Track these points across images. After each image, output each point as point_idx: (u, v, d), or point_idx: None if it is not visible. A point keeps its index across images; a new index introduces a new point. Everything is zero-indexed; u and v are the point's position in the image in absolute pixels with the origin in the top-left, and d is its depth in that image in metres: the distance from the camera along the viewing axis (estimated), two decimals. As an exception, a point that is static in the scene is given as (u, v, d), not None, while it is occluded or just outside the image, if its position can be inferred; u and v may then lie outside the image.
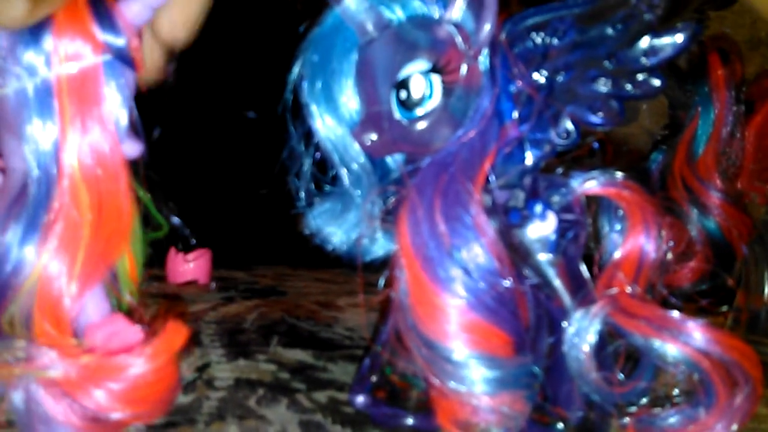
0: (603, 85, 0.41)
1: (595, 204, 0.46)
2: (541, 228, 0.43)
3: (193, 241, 0.53)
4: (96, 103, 0.40)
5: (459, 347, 0.40)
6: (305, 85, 0.45)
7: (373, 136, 0.43)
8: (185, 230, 0.50)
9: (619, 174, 0.44)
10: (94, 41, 0.39)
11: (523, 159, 0.43)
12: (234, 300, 0.82)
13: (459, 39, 0.41)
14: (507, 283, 0.41)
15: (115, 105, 0.41)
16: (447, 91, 0.42)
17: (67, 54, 0.39)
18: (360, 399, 0.48)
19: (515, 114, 0.42)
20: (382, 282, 0.45)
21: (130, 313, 0.46)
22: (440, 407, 0.43)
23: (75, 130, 0.39)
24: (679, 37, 0.39)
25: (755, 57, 1.05)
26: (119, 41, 0.40)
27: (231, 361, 0.58)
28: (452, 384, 0.40)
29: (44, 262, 0.39)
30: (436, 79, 0.41)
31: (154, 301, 0.78)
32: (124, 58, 0.40)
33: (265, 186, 0.49)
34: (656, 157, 0.84)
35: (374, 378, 0.49)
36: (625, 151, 0.95)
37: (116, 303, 0.46)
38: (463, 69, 0.42)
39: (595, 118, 0.41)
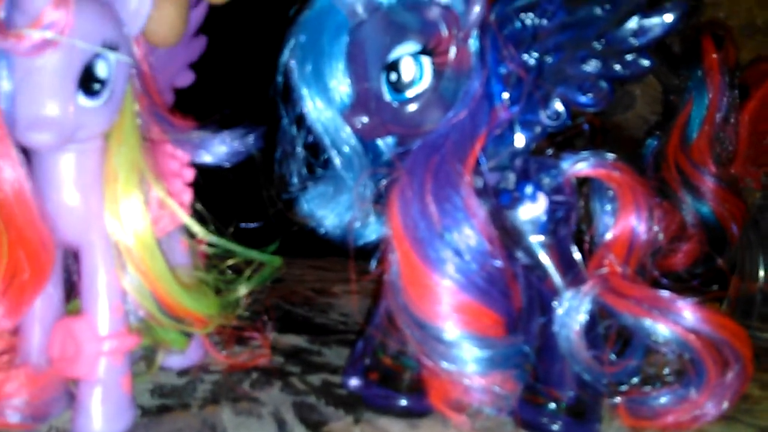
0: (592, 66, 0.41)
1: (587, 186, 0.46)
2: (532, 209, 0.43)
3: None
4: None
5: (450, 327, 0.40)
6: (295, 68, 0.45)
7: (364, 119, 0.43)
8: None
9: (609, 155, 0.44)
10: None
11: (514, 141, 0.43)
12: (229, 287, 0.82)
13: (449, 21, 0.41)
14: (498, 263, 0.41)
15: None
16: (437, 73, 0.42)
17: None
18: (353, 381, 0.48)
19: (505, 95, 0.42)
20: (373, 264, 0.45)
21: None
22: (432, 387, 0.44)
23: None
24: (668, 17, 0.39)
25: (751, 43, 1.05)
26: None
27: (224, 348, 0.58)
28: (444, 364, 0.41)
29: None
30: (426, 61, 0.41)
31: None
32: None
33: (263, 175, 0.50)
34: (651, 143, 0.84)
35: (367, 360, 0.49)
36: (620, 137, 0.96)
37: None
38: (453, 51, 0.42)
39: (585, 99, 0.41)
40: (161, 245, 0.44)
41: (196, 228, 0.46)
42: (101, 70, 0.39)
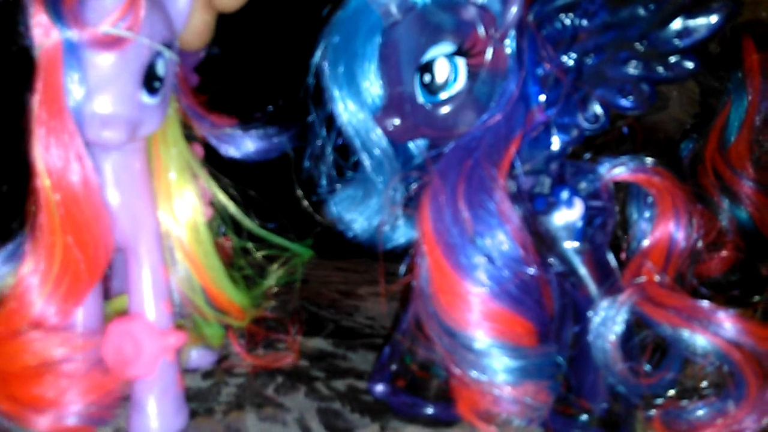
0: (634, 68, 0.40)
1: (623, 191, 0.45)
2: (568, 215, 0.42)
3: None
4: (57, 92, 0.36)
5: (481, 336, 0.39)
6: (327, 69, 0.44)
7: (396, 121, 0.42)
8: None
9: (648, 160, 0.43)
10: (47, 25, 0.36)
11: (550, 144, 0.42)
12: (255, 287, 0.82)
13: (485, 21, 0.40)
14: (531, 271, 0.40)
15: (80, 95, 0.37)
16: (472, 74, 0.41)
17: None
18: (379, 387, 0.48)
19: (542, 98, 0.41)
20: (402, 270, 0.44)
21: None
22: (461, 397, 0.42)
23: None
24: (713, 18, 0.37)
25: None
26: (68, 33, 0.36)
27: (250, 349, 0.58)
28: (474, 373, 0.40)
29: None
30: (460, 62, 0.40)
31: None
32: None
33: (288, 174, 0.49)
34: (687, 146, 0.82)
35: (394, 366, 0.48)
36: (654, 139, 0.93)
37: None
38: (489, 52, 0.40)
39: (626, 102, 0.40)
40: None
41: (244, 220, 0.48)
42: (160, 68, 0.40)
